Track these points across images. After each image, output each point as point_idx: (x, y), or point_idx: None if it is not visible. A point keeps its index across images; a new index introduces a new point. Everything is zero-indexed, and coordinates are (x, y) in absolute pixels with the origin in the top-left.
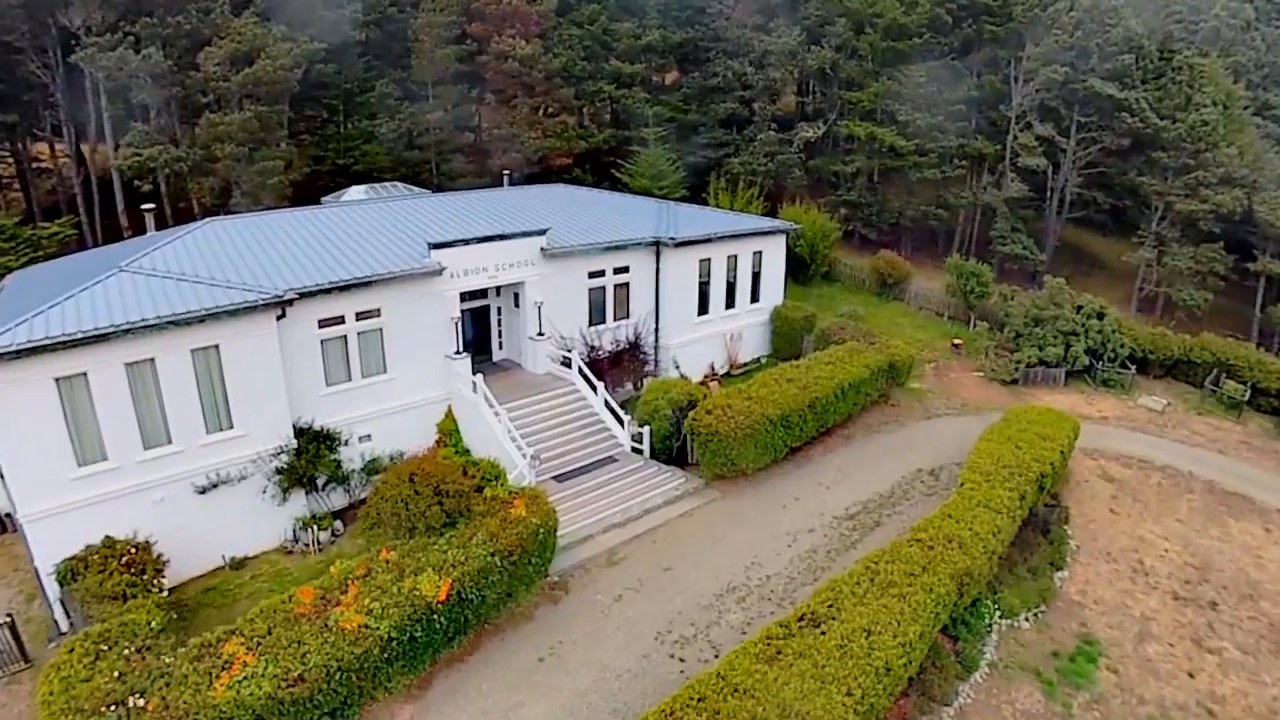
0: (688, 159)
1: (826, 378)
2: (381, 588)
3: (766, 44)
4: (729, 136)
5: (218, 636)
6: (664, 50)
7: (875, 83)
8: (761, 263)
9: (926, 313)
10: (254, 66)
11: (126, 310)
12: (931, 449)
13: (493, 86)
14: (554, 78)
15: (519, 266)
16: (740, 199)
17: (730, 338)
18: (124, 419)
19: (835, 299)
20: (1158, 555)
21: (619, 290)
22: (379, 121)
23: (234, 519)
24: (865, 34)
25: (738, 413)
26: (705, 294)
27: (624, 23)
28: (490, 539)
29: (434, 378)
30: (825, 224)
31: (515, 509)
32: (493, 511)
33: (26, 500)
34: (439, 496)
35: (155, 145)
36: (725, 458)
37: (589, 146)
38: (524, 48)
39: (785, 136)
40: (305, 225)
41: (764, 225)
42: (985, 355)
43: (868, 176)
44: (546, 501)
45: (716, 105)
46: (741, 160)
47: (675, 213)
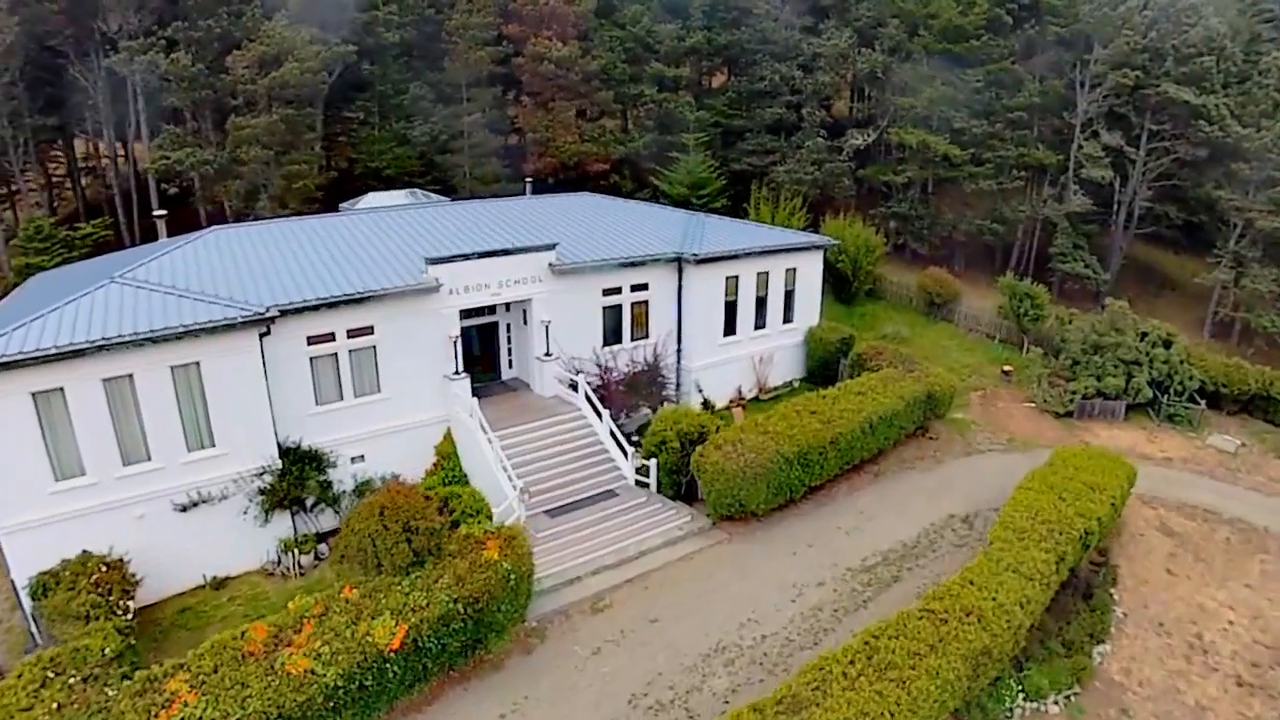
0: (732, 166)
1: (853, 411)
2: (335, 630)
3: (815, 46)
4: (775, 143)
5: (165, 671)
6: (708, 53)
7: (929, 88)
8: (796, 280)
9: (976, 335)
10: (281, 69)
11: (107, 325)
12: (968, 491)
13: (529, 89)
14: (592, 80)
15: (525, 283)
16: (782, 210)
17: (759, 360)
18: (102, 435)
19: (879, 318)
20: (1220, 629)
21: (637, 309)
22: (412, 124)
23: (215, 538)
24: (919, 36)
25: (749, 449)
26: (732, 313)
27: (667, 24)
28: (456, 583)
29: (432, 398)
30: (869, 238)
31: (487, 551)
32: (464, 552)
33: (3, 513)
34: (408, 533)
35: (184, 148)
36: (732, 498)
37: (627, 152)
38: (560, 49)
39: (834, 144)
40: (310, 234)
41: (799, 240)
42: (1037, 384)
43: (920, 187)
44: (523, 543)
45: (762, 110)
46: (787, 168)
47: (704, 225)
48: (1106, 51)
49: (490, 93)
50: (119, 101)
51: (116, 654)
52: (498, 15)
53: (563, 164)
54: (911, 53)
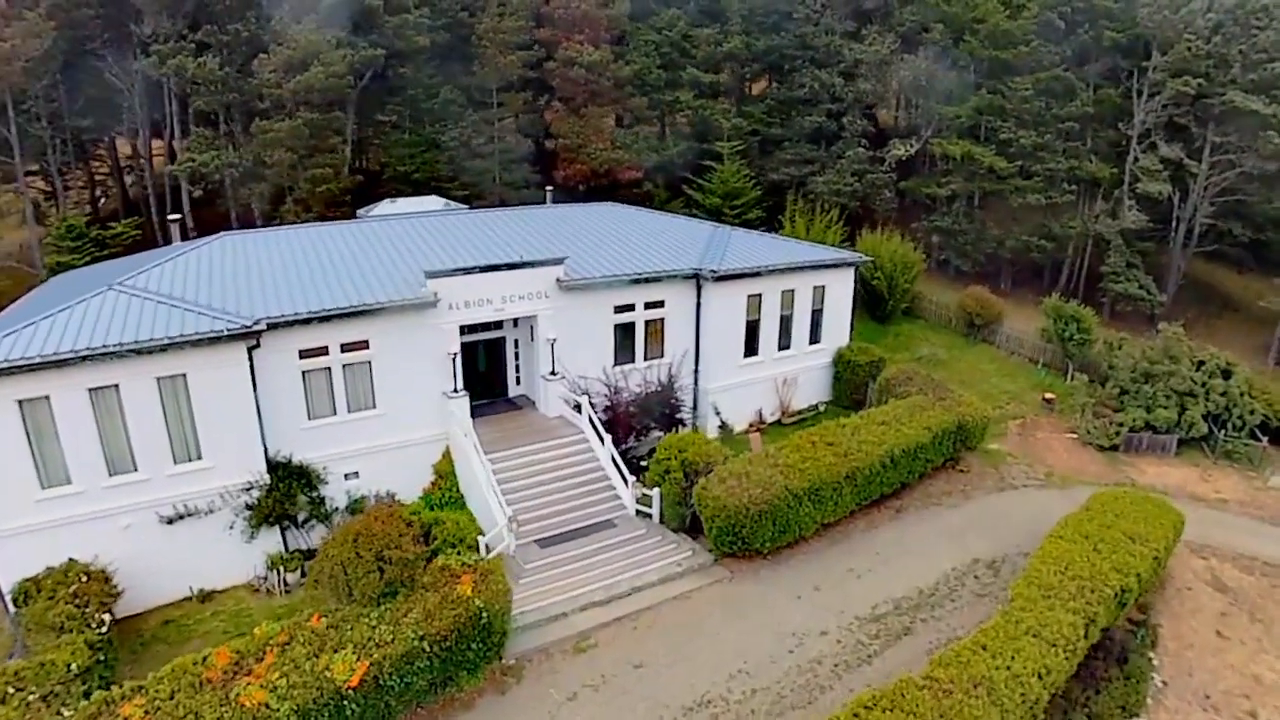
0: (769, 176)
1: (874, 443)
2: (295, 662)
3: (857, 53)
4: (814, 153)
5: (123, 693)
6: (747, 58)
7: (975, 96)
8: (824, 299)
9: (1019, 359)
10: (306, 74)
11: (95, 334)
12: (997, 532)
13: (560, 94)
14: (625, 86)
15: (530, 299)
16: (818, 223)
17: (783, 382)
18: (88, 444)
19: (914, 339)
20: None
21: (651, 327)
22: (442, 128)
23: (202, 551)
24: (965, 41)
25: (754, 484)
26: (754, 333)
27: (705, 28)
28: (424, 619)
29: (430, 415)
30: (907, 254)
31: (461, 586)
32: (438, 585)
33: None
34: (380, 563)
35: (210, 151)
36: (735, 536)
37: (661, 160)
38: (592, 54)
39: (875, 154)
40: (319, 241)
41: (828, 257)
42: (1081, 414)
43: (965, 201)
44: (499, 580)
45: (801, 119)
46: (826, 179)
47: (729, 240)
48: (1166, 58)
49: (520, 97)
50: (155, 103)
51: (83, 669)
52: (530, 19)
53: (593, 171)
54: (957, 59)
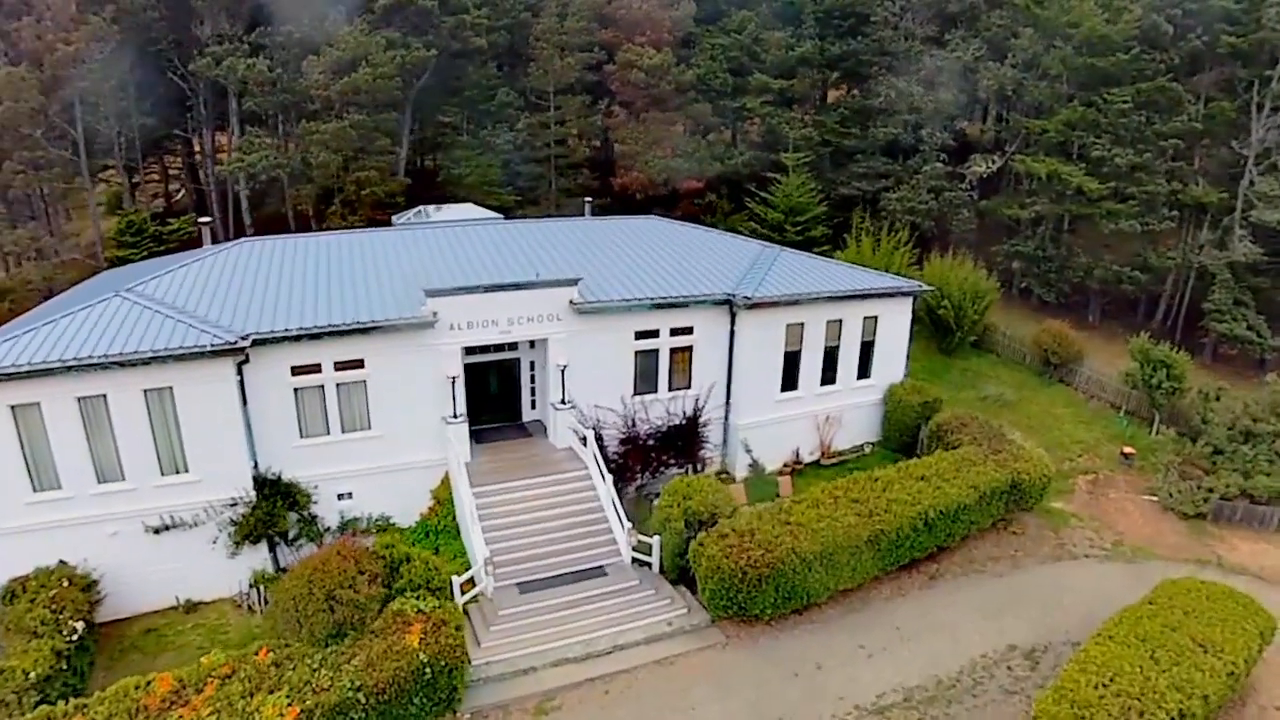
0: (840, 190)
1: (906, 502)
2: (230, 699)
3: (938, 59)
4: (889, 166)
5: (64, 711)
6: (820, 64)
7: (1066, 109)
8: (876, 330)
9: (1099, 404)
10: (353, 75)
11: (89, 343)
12: (1043, 613)
13: (621, 98)
14: (688, 91)
15: (540, 321)
16: (886, 244)
17: (825, 420)
18: (77, 451)
19: (982, 375)
20: None
21: (677, 355)
22: (497, 131)
23: (188, 562)
24: (1056, 48)
25: (758, 545)
26: (793, 365)
27: (777, 31)
28: (365, 668)
29: (429, 439)
30: (978, 282)
31: (409, 636)
32: (387, 631)
33: None
34: (331, 602)
35: (258, 151)
36: (731, 601)
37: (724, 170)
38: (653, 56)
39: (955, 170)
40: (333, 251)
41: (881, 285)
42: (1165, 474)
43: (1051, 224)
44: (451, 634)
45: (876, 130)
46: (900, 196)
47: (774, 262)
48: None
49: (578, 101)
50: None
51: (43, 678)
52: (593, 20)
53: (651, 180)
54: (1047, 68)
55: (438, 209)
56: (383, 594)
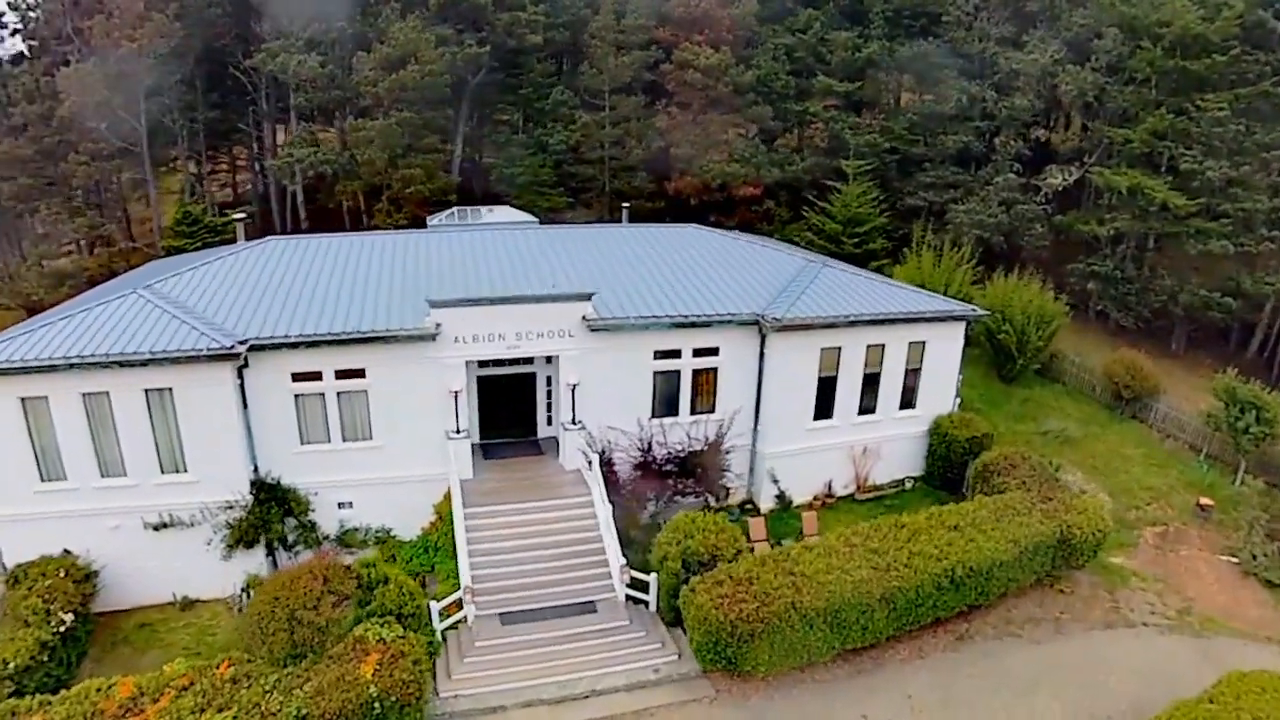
0: (906, 200)
1: (931, 555)
2: (179, 714)
3: (1014, 62)
4: (958, 176)
5: (28, 706)
6: (889, 65)
7: (1153, 116)
8: (924, 357)
9: (1176, 445)
10: (400, 73)
11: (97, 340)
12: (1083, 694)
13: (677, 100)
14: (746, 92)
15: (550, 337)
16: (948, 260)
17: (862, 452)
18: (82, 445)
19: (1044, 407)
20: None
21: (701, 377)
22: (551, 130)
23: (186, 560)
24: (1144, 49)
25: (753, 596)
26: (828, 392)
27: (844, 31)
28: (314, 695)
29: (433, 452)
30: (1045, 305)
31: (364, 666)
32: (345, 658)
33: None
34: (291, 621)
35: (307, 147)
36: (719, 655)
37: (784, 176)
38: (710, 56)
39: (1029, 181)
40: (354, 253)
41: (930, 308)
42: (1248, 531)
43: (1134, 243)
44: (407, 668)
45: (946, 137)
46: (968, 208)
47: (813, 279)
48: None
49: (633, 101)
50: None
51: (22, 668)
52: (652, 17)
53: (707, 185)
54: (1134, 71)
55: (473, 211)
56: (352, 616)
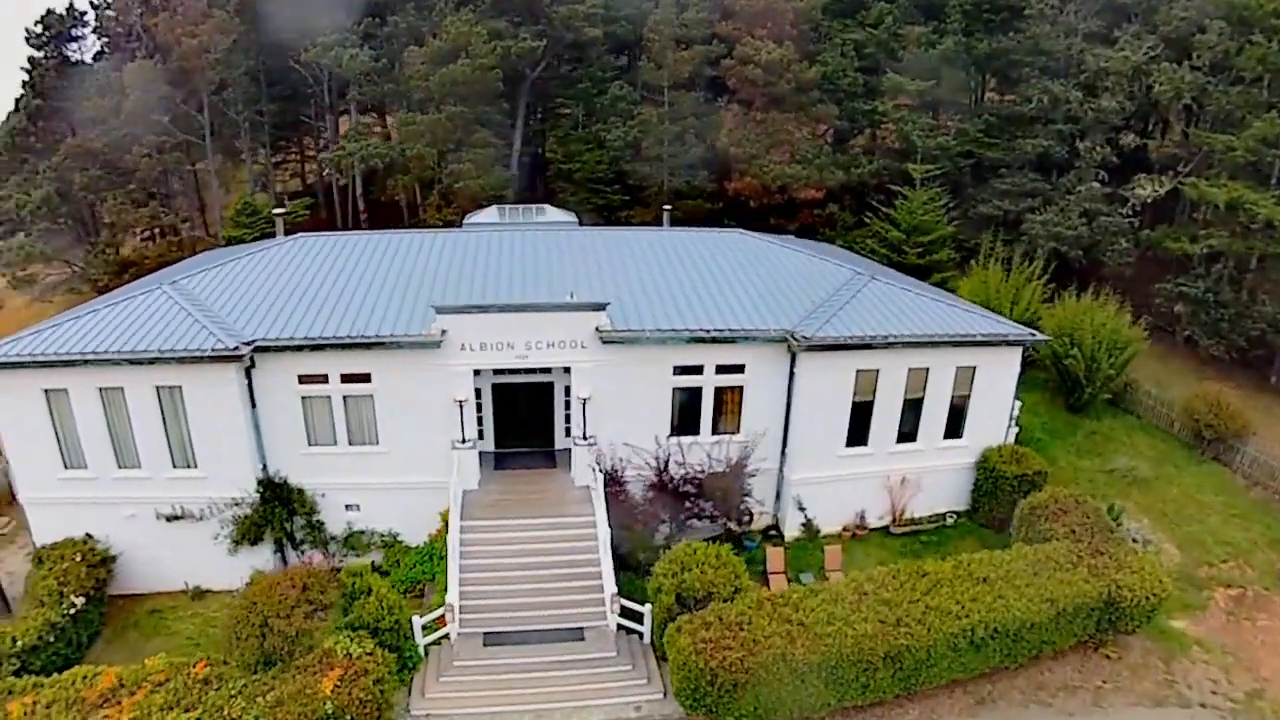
0: (978, 209)
1: (951, 612)
2: (148, 710)
3: (1102, 59)
4: (1037, 184)
5: (23, 686)
6: (966, 63)
7: (1261, 121)
8: (973, 383)
9: (1264, 494)
10: (450, 66)
11: (114, 337)
12: None
13: (739, 97)
14: (810, 90)
15: (562, 348)
16: (1017, 274)
17: (900, 482)
18: (99, 436)
19: (1113, 442)
20: None
21: (725, 395)
22: (609, 126)
23: (196, 552)
24: (1254, 44)
25: (741, 644)
26: (863, 417)
27: (917, 25)
28: (274, 706)
29: (440, 460)
30: (1119, 329)
31: (324, 682)
32: (309, 670)
33: (25, 486)
34: (263, 629)
35: (359, 140)
36: (698, 702)
37: (849, 179)
38: (771, 51)
39: (1116, 190)
40: (379, 252)
41: (983, 330)
42: None
43: (1232, 263)
44: (369, 688)
45: (1025, 140)
46: (1045, 219)
47: (856, 293)
48: None
49: (691, 97)
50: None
51: (30, 646)
52: (715, 11)
53: (766, 187)
54: (1241, 70)
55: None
56: (332, 626)
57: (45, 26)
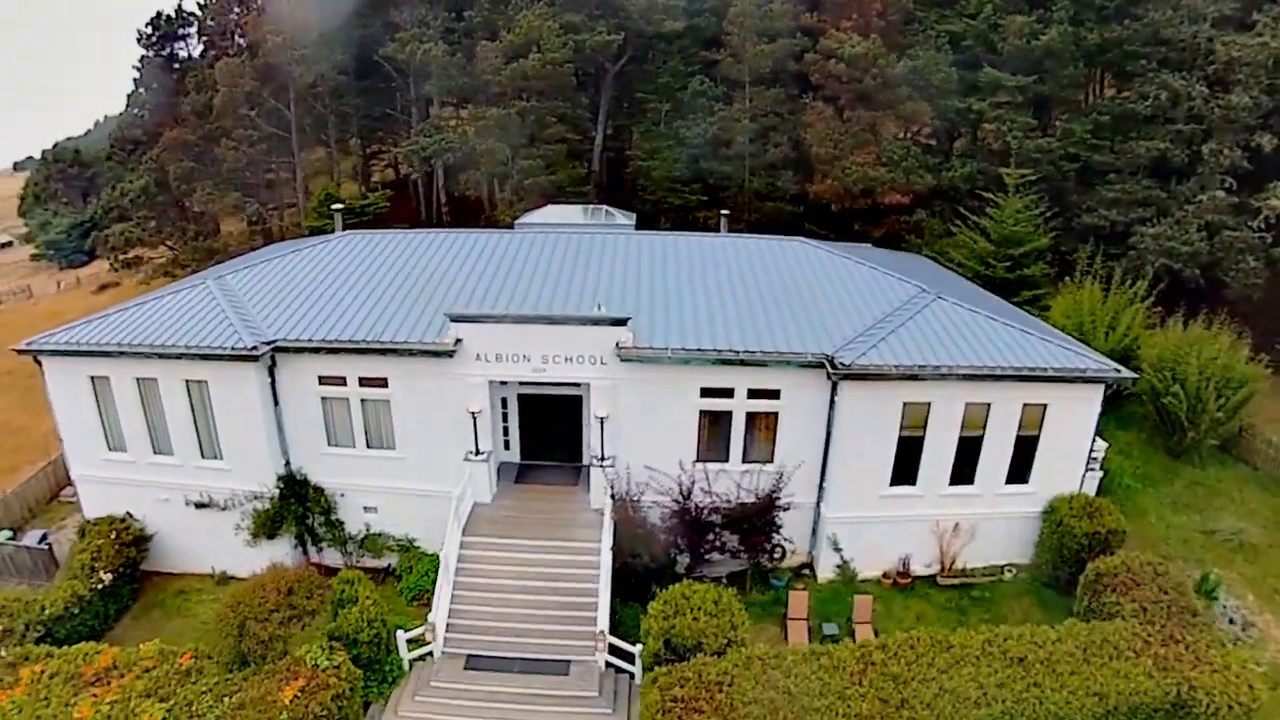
0: (1082, 219)
1: (969, 698)
2: (131, 694)
3: (1234, 47)
4: (1151, 192)
5: (38, 654)
6: (1074, 56)
7: None
8: (1044, 422)
9: None
10: (521, 61)
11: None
12: None
13: (824, 93)
14: (899, 86)
15: (580, 363)
16: (1117, 295)
17: (952, 528)
18: (137, 423)
19: (1219, 497)
20: None
21: (758, 422)
22: (689, 123)
23: (223, 538)
24: None
25: (715, 709)
26: (911, 454)
27: (1020, 15)
28: (236, 709)
29: (455, 469)
30: (1233, 364)
31: (286, 690)
32: (275, 676)
33: (76, 463)
34: (240, 631)
35: (430, 135)
36: None
37: (939, 184)
38: (856, 44)
39: (1244, 200)
40: (423, 252)
41: (1053, 363)
42: None
43: None
44: (326, 702)
45: (1138, 142)
46: (1158, 232)
47: (914, 315)
48: None
49: (773, 94)
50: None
51: (56, 616)
52: (801, 1)
53: (847, 190)
54: None
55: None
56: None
57: (154, 28)
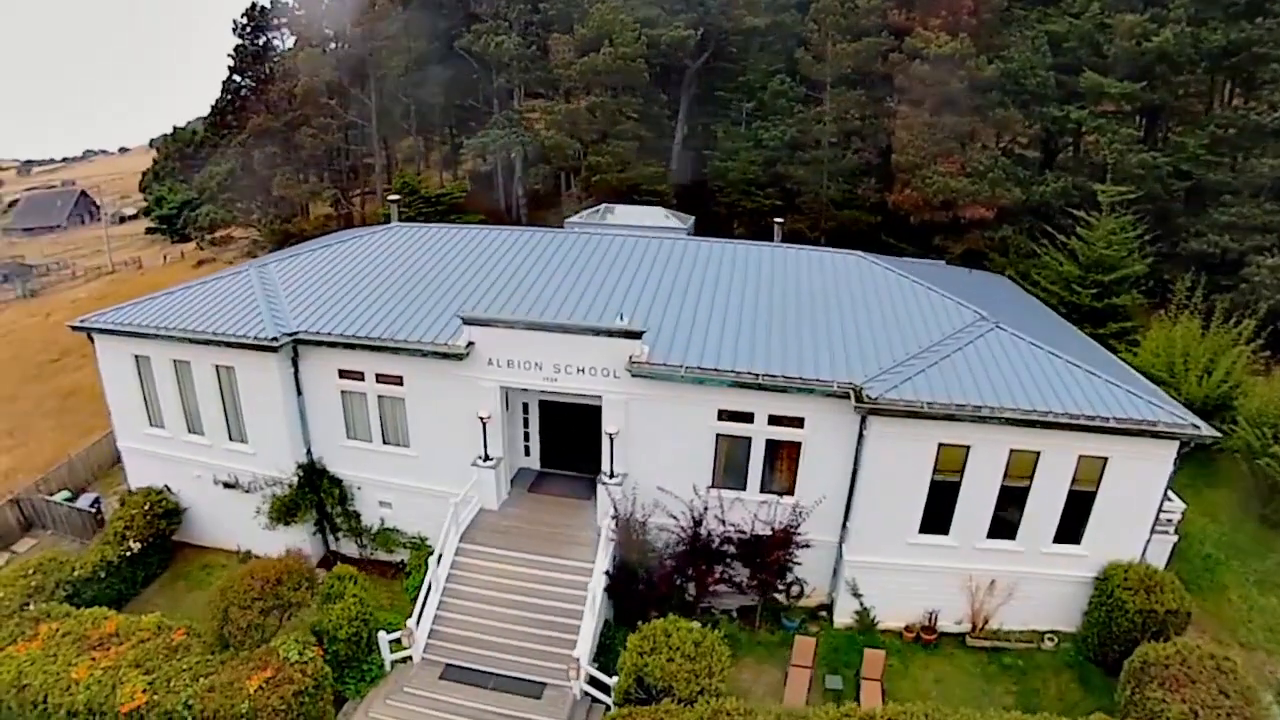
0: (1189, 245)
1: None
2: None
3: None
4: (1272, 217)
5: (58, 612)
6: (1193, 59)
7: None
8: (1102, 477)
9: None
10: (592, 55)
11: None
12: None
13: (908, 96)
14: (989, 90)
15: (592, 375)
16: (1217, 334)
17: (988, 585)
18: (173, 402)
19: None
20: None
21: (779, 450)
22: (768, 124)
23: (247, 519)
24: None
25: None
26: (945, 499)
27: (1131, 14)
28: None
29: (467, 472)
30: None
31: (252, 680)
32: (249, 663)
33: (122, 436)
34: (224, 616)
35: (502, 128)
36: None
37: (1028, 198)
38: (943, 44)
39: None
40: (465, 248)
41: (1116, 412)
42: None
43: None
44: (288, 697)
45: (1261, 160)
46: (1276, 263)
47: (967, 343)
48: None
49: (854, 96)
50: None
51: (84, 579)
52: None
53: (927, 201)
54: None
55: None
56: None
57: (249, 18)
